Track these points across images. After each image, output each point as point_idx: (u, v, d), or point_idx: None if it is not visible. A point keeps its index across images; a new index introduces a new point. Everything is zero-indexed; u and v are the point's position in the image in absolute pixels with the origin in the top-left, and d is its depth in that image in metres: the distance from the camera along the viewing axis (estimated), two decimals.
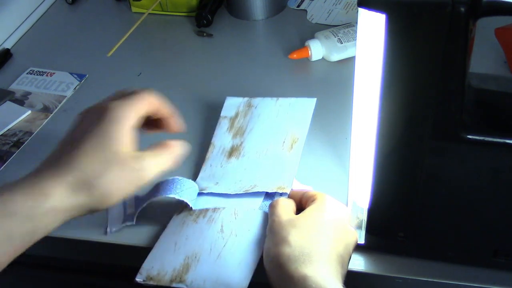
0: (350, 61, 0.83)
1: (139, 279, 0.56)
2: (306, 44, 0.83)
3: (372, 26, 0.42)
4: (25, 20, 0.99)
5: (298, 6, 0.97)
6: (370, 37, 0.43)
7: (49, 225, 0.45)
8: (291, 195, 0.59)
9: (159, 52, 0.92)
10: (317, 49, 0.82)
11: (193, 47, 0.92)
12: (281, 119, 0.68)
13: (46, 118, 0.80)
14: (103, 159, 0.47)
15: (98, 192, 0.46)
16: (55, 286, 0.82)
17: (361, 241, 0.57)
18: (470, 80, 0.46)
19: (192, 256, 0.55)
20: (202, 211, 0.60)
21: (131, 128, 0.49)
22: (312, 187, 0.62)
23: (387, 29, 0.41)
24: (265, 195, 0.60)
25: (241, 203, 0.60)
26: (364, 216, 0.55)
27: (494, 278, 0.54)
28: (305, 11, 0.95)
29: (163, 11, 0.98)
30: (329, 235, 0.51)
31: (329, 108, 0.74)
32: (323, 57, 0.84)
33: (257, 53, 0.89)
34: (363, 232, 0.56)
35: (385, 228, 0.55)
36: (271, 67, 0.84)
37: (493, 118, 0.47)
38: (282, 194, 0.59)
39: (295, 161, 0.63)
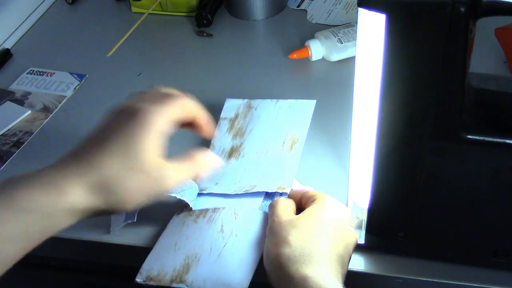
0: (350, 61, 0.82)
1: (139, 279, 0.55)
2: (306, 44, 0.83)
3: (372, 26, 0.42)
4: (25, 20, 0.99)
5: (298, 6, 0.97)
6: (370, 37, 0.43)
7: (63, 223, 0.45)
8: (291, 195, 0.59)
9: (159, 52, 0.92)
10: (317, 49, 0.82)
11: (193, 47, 0.92)
12: (281, 121, 0.68)
13: (46, 118, 0.80)
14: (126, 165, 0.46)
15: (115, 197, 0.46)
16: (55, 286, 0.82)
17: (361, 241, 0.57)
18: (470, 80, 0.46)
19: (192, 256, 0.55)
20: (202, 211, 0.60)
21: (161, 135, 0.48)
22: (312, 187, 0.62)
23: (387, 29, 0.41)
24: (265, 195, 0.60)
25: (241, 203, 0.60)
26: (364, 216, 0.55)
27: (494, 278, 0.54)
28: (305, 11, 0.95)
29: (163, 11, 0.98)
30: (329, 235, 0.51)
31: (329, 108, 0.74)
32: (323, 57, 0.84)
33: (257, 53, 0.89)
34: (363, 232, 0.56)
35: (385, 228, 0.55)
36: (271, 67, 0.84)
37: (493, 118, 0.47)
38: (282, 194, 0.59)
39: (295, 161, 0.63)
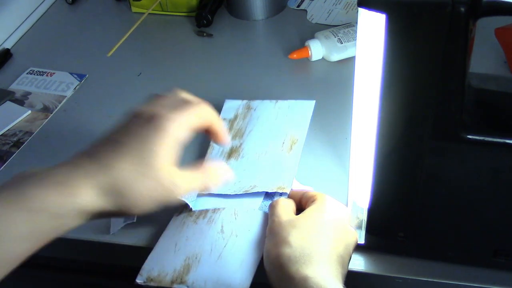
0: (350, 61, 0.82)
1: (139, 280, 0.55)
2: (306, 44, 0.83)
3: (372, 26, 0.42)
4: (25, 20, 0.99)
5: (298, 6, 0.97)
6: (370, 37, 0.43)
7: (71, 224, 0.45)
8: (290, 195, 0.59)
9: (159, 52, 0.92)
10: (317, 49, 0.82)
11: (193, 47, 0.92)
12: (280, 121, 0.68)
13: (46, 118, 0.80)
14: (139, 170, 0.46)
15: (125, 201, 0.46)
16: (55, 286, 0.82)
17: (361, 241, 0.56)
18: (470, 80, 0.46)
19: (192, 256, 0.55)
20: (202, 211, 0.60)
21: (177, 143, 0.48)
22: (312, 187, 0.62)
23: (387, 29, 0.41)
24: (264, 195, 0.60)
25: (241, 203, 0.60)
26: (364, 216, 0.55)
27: (494, 278, 0.54)
28: (305, 11, 0.95)
29: (163, 11, 0.98)
30: (329, 236, 0.51)
31: (329, 108, 0.74)
32: (323, 57, 0.84)
33: (257, 53, 0.89)
34: (363, 232, 0.56)
35: (385, 228, 0.55)
36: (271, 67, 0.84)
37: (493, 118, 0.47)
38: (282, 194, 0.59)
39: (294, 161, 0.63)
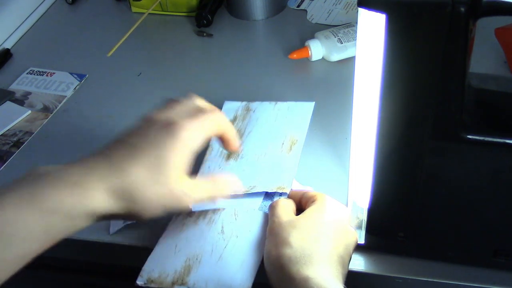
0: (350, 61, 0.82)
1: (140, 282, 0.55)
2: (306, 44, 0.83)
3: (372, 26, 0.42)
4: (25, 20, 0.99)
5: (298, 6, 0.97)
6: (370, 37, 0.43)
7: (81, 225, 0.46)
8: (290, 196, 0.59)
9: (159, 52, 0.92)
10: (317, 49, 0.82)
11: (193, 47, 0.92)
12: (280, 123, 0.68)
13: (46, 118, 0.80)
14: (152, 177, 0.46)
15: (135, 205, 0.47)
16: (55, 286, 0.82)
17: (361, 241, 0.56)
18: (470, 80, 0.46)
19: (193, 258, 0.55)
20: (202, 212, 0.60)
21: (192, 152, 0.49)
22: (312, 187, 0.62)
23: (387, 29, 0.41)
24: (264, 196, 0.60)
25: (241, 203, 0.60)
26: (364, 216, 0.55)
27: (494, 278, 0.54)
28: (305, 11, 0.95)
29: (163, 11, 0.98)
30: (330, 236, 0.51)
31: (329, 108, 0.74)
32: (323, 57, 0.84)
33: (257, 53, 0.89)
34: (363, 232, 0.56)
35: (385, 228, 0.55)
36: (271, 67, 0.84)
37: (493, 118, 0.47)
38: (281, 194, 0.59)
39: (294, 162, 0.63)
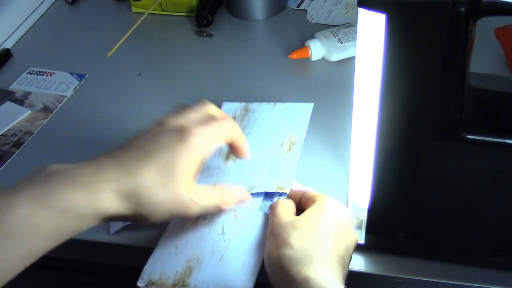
0: (350, 61, 0.82)
1: (140, 284, 0.55)
2: (306, 44, 0.83)
3: (372, 26, 0.42)
4: (25, 20, 0.99)
5: (298, 6, 0.97)
6: (370, 37, 0.43)
7: (89, 225, 0.47)
8: (290, 196, 0.59)
9: (159, 52, 0.92)
10: (317, 49, 0.82)
11: (193, 47, 0.92)
12: (279, 123, 0.68)
13: (46, 118, 0.80)
14: (162, 182, 0.47)
15: (142, 209, 0.47)
16: (55, 286, 0.82)
17: (361, 241, 0.56)
18: (470, 80, 0.46)
19: (194, 259, 0.55)
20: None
21: (202, 160, 0.50)
22: (312, 187, 0.62)
23: (387, 29, 0.41)
24: (264, 196, 0.60)
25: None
26: (364, 216, 0.55)
27: (494, 278, 0.54)
28: (305, 11, 0.95)
29: (163, 11, 0.98)
30: (330, 236, 0.51)
31: (329, 108, 0.74)
32: (323, 57, 0.84)
33: (257, 53, 0.89)
34: (363, 232, 0.56)
35: (385, 228, 0.55)
36: (271, 67, 0.84)
37: (493, 118, 0.47)
38: (281, 194, 0.59)
39: (293, 162, 0.62)
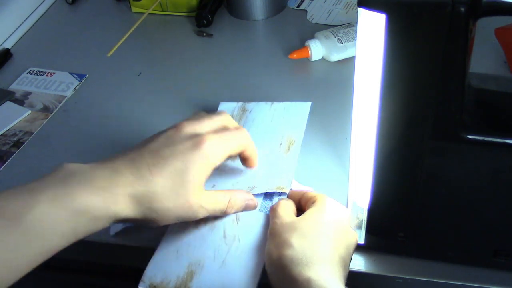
0: (350, 61, 0.82)
1: (142, 287, 0.55)
2: (306, 44, 0.83)
3: (372, 26, 0.42)
4: (25, 20, 0.99)
5: (298, 6, 0.97)
6: (370, 37, 0.43)
7: (101, 226, 0.47)
8: (290, 196, 0.59)
9: (159, 52, 0.92)
10: (317, 49, 0.82)
11: (193, 47, 0.92)
12: (276, 123, 0.68)
13: (46, 118, 0.80)
14: (174, 189, 0.48)
15: (152, 213, 0.48)
16: (55, 286, 0.82)
17: (361, 241, 0.56)
18: (470, 80, 0.46)
19: (196, 263, 0.55)
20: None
21: (213, 168, 0.51)
22: (312, 187, 0.61)
23: (387, 29, 0.41)
24: (264, 196, 0.60)
25: None
26: (364, 216, 0.55)
27: (494, 278, 0.54)
28: (305, 11, 0.95)
29: (163, 11, 0.98)
30: (330, 236, 0.51)
31: (329, 108, 0.74)
32: (323, 57, 0.84)
33: (257, 53, 0.89)
34: (363, 232, 0.56)
35: (385, 228, 0.55)
36: (271, 67, 0.84)
37: (493, 118, 0.47)
38: (281, 194, 0.59)
39: (292, 162, 0.62)
